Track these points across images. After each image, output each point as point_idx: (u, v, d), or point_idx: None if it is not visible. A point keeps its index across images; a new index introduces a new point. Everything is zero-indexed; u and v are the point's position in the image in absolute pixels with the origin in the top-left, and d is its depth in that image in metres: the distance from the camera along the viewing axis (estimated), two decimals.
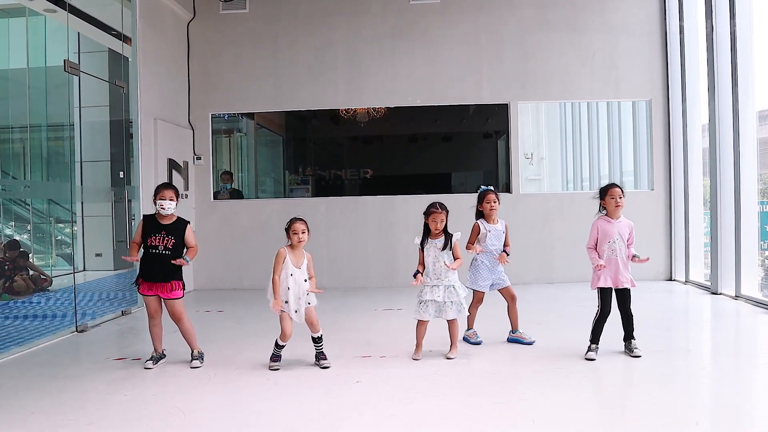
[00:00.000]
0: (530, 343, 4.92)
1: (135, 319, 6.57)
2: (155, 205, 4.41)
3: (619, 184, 4.55)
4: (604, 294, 4.49)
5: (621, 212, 4.49)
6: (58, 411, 3.59)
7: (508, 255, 4.95)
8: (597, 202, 4.59)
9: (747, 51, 6.51)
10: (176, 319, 4.48)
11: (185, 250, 4.50)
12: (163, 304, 4.48)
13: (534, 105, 10.08)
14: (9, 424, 3.40)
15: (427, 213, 4.55)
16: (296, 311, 4.29)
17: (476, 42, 8.56)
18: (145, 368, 4.42)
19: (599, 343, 4.50)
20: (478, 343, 4.97)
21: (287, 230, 4.31)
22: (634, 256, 4.47)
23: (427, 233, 4.57)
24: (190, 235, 4.50)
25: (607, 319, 4.50)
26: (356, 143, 10.55)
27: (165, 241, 4.38)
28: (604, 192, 4.53)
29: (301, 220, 4.33)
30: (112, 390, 3.98)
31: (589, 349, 4.48)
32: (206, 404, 3.71)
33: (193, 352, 4.54)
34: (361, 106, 9.05)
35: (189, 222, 4.59)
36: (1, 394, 3.95)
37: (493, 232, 4.94)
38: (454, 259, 4.52)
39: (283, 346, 4.40)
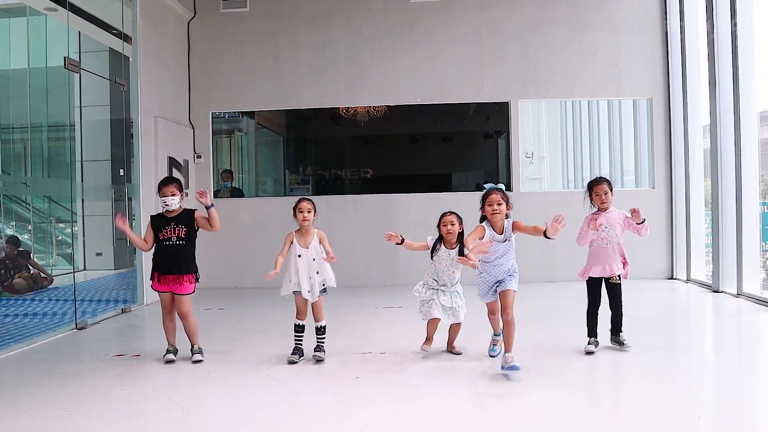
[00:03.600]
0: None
1: (135, 316, 6.56)
2: (161, 202, 4.47)
3: (606, 177, 4.56)
4: (591, 285, 4.54)
5: (611, 206, 4.50)
6: (57, 406, 3.58)
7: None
8: (588, 203, 4.59)
9: (748, 51, 6.47)
10: (182, 315, 4.51)
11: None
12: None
13: (535, 103, 10.06)
14: (8, 420, 3.39)
15: (439, 222, 4.46)
16: (309, 291, 4.37)
17: (477, 40, 8.55)
18: (167, 362, 4.45)
19: (597, 336, 4.51)
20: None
21: (294, 210, 4.38)
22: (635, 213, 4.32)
23: (440, 240, 4.48)
24: (200, 217, 4.52)
25: (599, 310, 4.51)
26: (357, 143, 10.56)
27: (176, 232, 4.44)
28: (591, 188, 4.57)
29: (307, 199, 4.43)
30: (111, 386, 3.97)
31: (588, 343, 4.49)
32: (206, 400, 3.70)
33: (193, 347, 4.55)
34: (361, 105, 9.04)
35: (195, 209, 4.62)
36: (0, 389, 3.94)
37: (496, 245, 4.20)
38: None
39: (302, 328, 4.47)
